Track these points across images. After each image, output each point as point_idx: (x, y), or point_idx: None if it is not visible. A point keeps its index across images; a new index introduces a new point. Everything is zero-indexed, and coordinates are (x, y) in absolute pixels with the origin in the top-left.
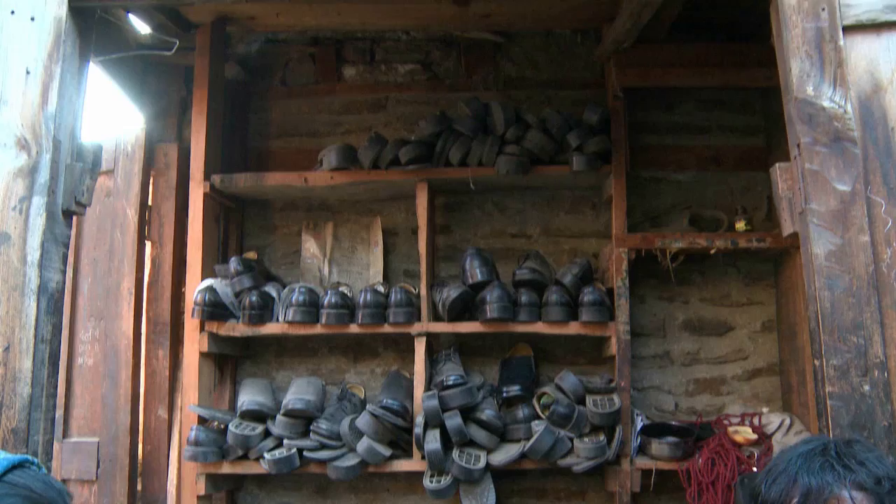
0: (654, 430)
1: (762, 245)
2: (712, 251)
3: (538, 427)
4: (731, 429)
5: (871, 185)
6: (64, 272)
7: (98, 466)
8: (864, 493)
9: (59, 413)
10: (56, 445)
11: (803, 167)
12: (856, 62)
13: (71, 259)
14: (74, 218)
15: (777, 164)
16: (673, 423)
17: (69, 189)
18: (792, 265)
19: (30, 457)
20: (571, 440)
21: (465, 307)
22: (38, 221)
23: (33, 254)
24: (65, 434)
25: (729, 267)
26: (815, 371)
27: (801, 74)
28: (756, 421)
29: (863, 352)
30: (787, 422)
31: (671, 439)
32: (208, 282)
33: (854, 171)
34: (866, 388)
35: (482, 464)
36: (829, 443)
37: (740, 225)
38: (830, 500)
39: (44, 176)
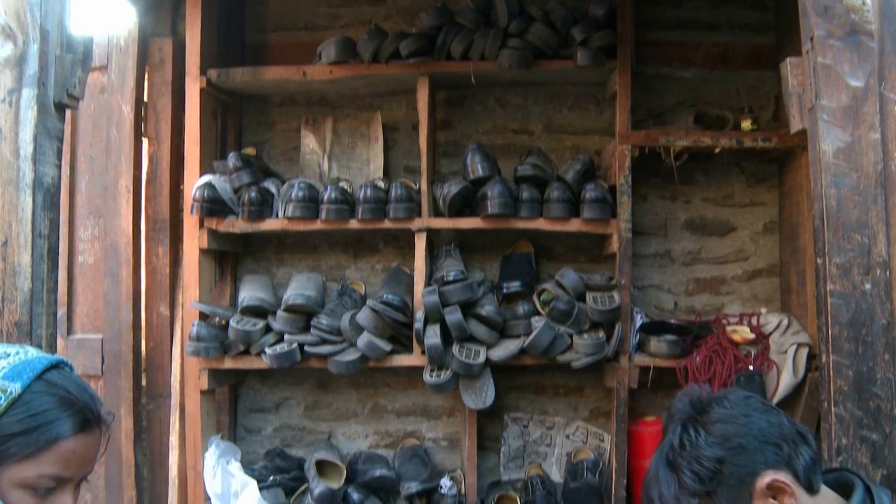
0: (653, 328)
1: (768, 145)
2: (717, 150)
3: (538, 323)
4: (729, 328)
5: (885, 82)
6: (59, 167)
7: (103, 362)
8: None
9: (63, 311)
10: (60, 342)
11: (815, 61)
12: None
13: (67, 157)
14: (69, 114)
15: (788, 59)
16: (672, 321)
17: (60, 81)
18: (796, 166)
19: (65, 359)
20: (571, 336)
21: (466, 203)
22: (29, 114)
23: (26, 147)
24: (69, 331)
25: (733, 167)
26: (816, 269)
27: None
28: (754, 321)
29: (866, 250)
30: (785, 322)
31: (670, 337)
32: (207, 178)
33: (868, 67)
34: (867, 286)
35: (482, 359)
36: (670, 439)
37: (746, 124)
38: None
39: (32, 67)
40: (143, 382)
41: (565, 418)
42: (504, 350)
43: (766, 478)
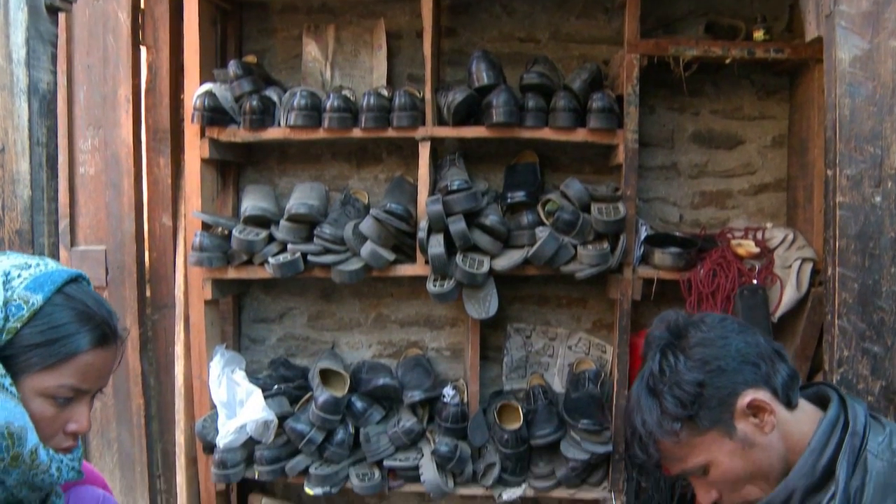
0: (658, 241)
1: (780, 55)
2: (727, 60)
3: (542, 233)
4: (734, 242)
5: None
6: (54, 73)
7: (107, 273)
8: (664, 439)
9: (66, 222)
10: (64, 254)
11: None
12: None
13: (64, 66)
14: (63, 21)
15: None
16: (676, 234)
17: None
18: (808, 79)
19: (83, 272)
20: (575, 247)
21: (471, 112)
22: (19, 16)
23: (18, 52)
24: (72, 243)
25: (743, 79)
26: (826, 181)
27: None
28: (759, 235)
29: (878, 162)
30: (791, 237)
31: (674, 250)
32: (207, 86)
33: None
34: (877, 199)
35: (485, 268)
36: (650, 366)
37: (758, 34)
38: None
39: None
40: (148, 293)
41: (568, 329)
42: (508, 260)
43: (747, 397)
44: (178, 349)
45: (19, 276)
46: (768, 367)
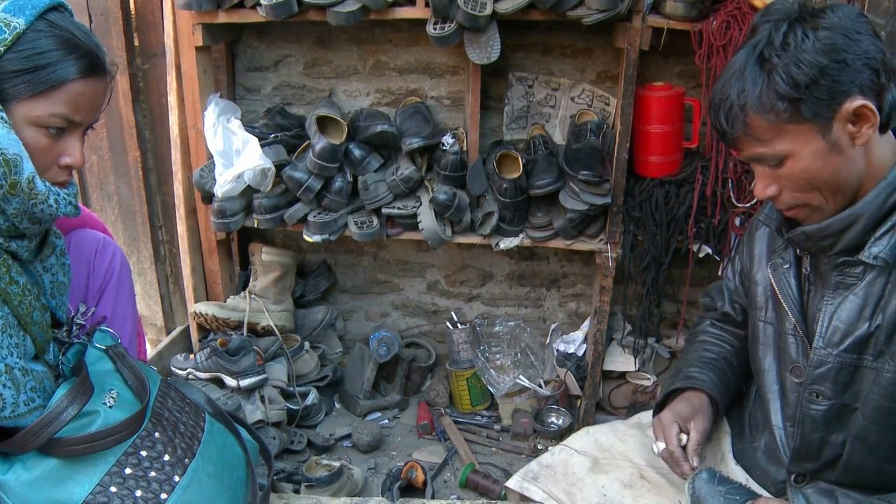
0: None
1: None
2: None
3: None
4: None
5: None
6: None
7: (91, 21)
8: (760, 115)
9: None
10: None
11: None
12: None
13: None
14: None
15: None
16: None
17: None
18: None
19: (65, 2)
20: None
21: None
22: None
23: None
24: None
25: None
26: None
27: None
28: None
29: None
30: None
31: None
32: None
33: None
34: None
35: (488, 11)
36: (767, 36)
37: None
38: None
39: None
40: (136, 42)
41: (571, 80)
42: (512, 2)
43: (856, 101)
44: (172, 99)
45: None
46: (886, 80)
